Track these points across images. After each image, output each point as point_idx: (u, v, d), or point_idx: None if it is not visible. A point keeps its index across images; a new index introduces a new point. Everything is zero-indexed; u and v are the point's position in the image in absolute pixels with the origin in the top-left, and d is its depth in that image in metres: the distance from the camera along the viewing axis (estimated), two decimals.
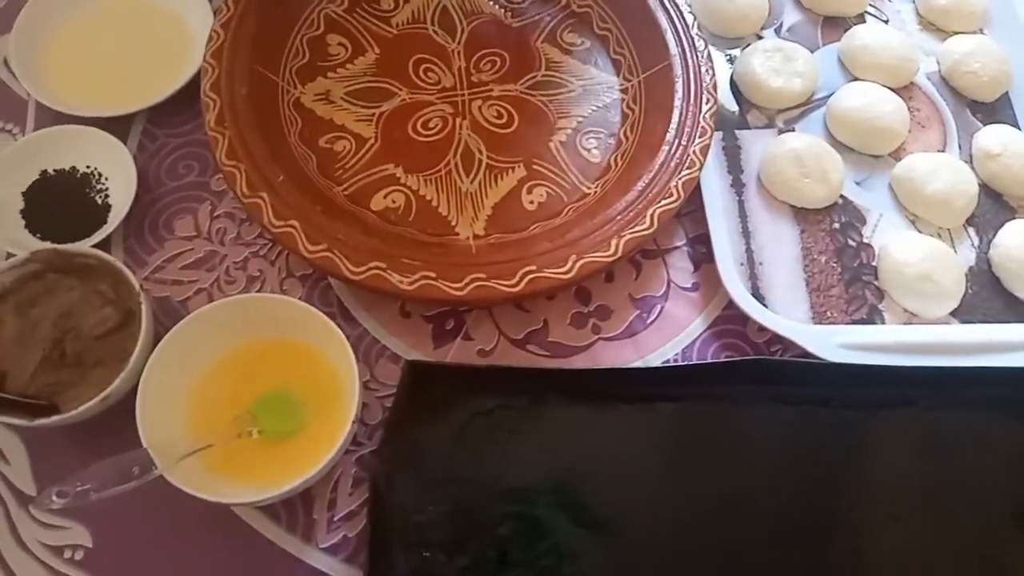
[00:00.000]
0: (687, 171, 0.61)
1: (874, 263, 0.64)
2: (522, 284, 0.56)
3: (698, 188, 0.63)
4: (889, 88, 0.70)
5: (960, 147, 0.70)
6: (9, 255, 0.59)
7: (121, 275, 0.54)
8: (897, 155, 0.69)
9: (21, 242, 0.59)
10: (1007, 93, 0.73)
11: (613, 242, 0.58)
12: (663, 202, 0.60)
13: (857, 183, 0.68)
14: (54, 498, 0.44)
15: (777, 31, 0.75)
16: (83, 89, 0.65)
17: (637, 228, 0.59)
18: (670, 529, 0.55)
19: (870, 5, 0.76)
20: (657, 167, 0.61)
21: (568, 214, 0.62)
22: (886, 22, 0.76)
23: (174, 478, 0.48)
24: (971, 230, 0.67)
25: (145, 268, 0.60)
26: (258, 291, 0.60)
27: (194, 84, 0.63)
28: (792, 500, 0.56)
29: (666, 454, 0.58)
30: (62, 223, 0.60)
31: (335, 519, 0.54)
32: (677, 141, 0.62)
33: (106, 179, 0.62)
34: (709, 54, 0.66)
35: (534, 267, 0.57)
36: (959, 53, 0.72)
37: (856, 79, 0.72)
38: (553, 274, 0.57)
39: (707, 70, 0.65)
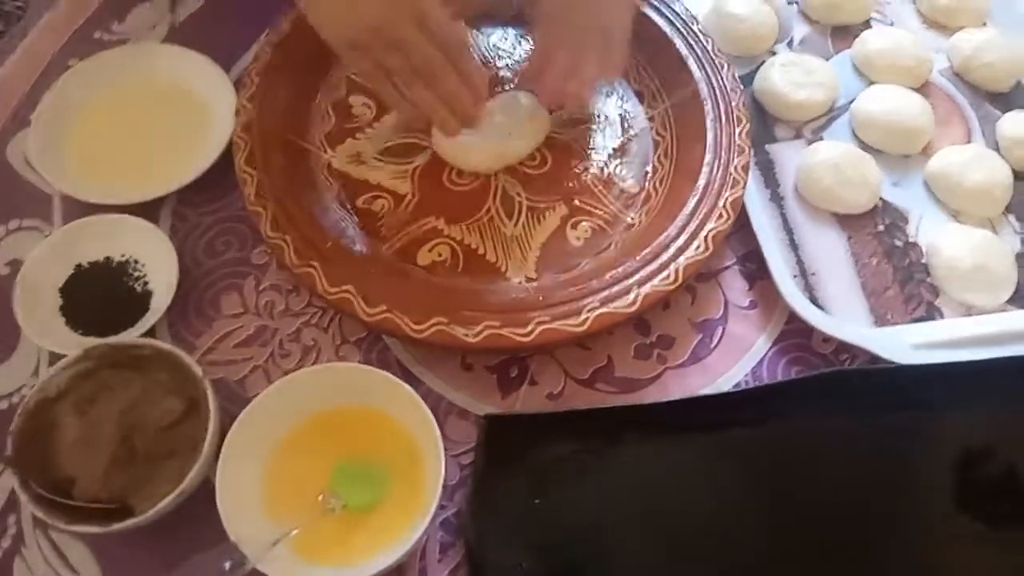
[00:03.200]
0: (731, 191, 0.61)
1: (923, 261, 0.64)
2: (588, 322, 0.55)
3: (741, 206, 0.63)
4: (908, 88, 0.71)
5: (984, 137, 0.71)
6: (53, 355, 0.57)
7: (179, 362, 0.52)
8: (927, 152, 0.69)
9: (64, 341, 0.57)
10: (1019, 81, 0.74)
11: (672, 268, 0.57)
12: (714, 224, 0.59)
13: (893, 184, 0.68)
14: None
15: (789, 45, 0.75)
16: (108, 177, 0.64)
17: (693, 252, 0.58)
18: (760, 553, 0.53)
19: (874, 11, 0.77)
20: (701, 190, 0.61)
21: (617, 246, 0.62)
22: (891, 25, 0.77)
23: (266, 569, 0.46)
24: (1011, 217, 0.67)
25: (196, 351, 0.58)
26: (314, 361, 0.58)
27: (222, 160, 0.63)
28: (882, 512, 0.54)
29: (749, 479, 0.56)
30: (103, 316, 0.58)
31: None
32: (716, 162, 0.62)
33: (143, 265, 0.61)
34: (734, 74, 0.66)
35: (597, 303, 0.56)
36: (970, 47, 0.73)
37: (873, 83, 0.72)
38: (618, 309, 0.56)
39: (734, 89, 0.66)
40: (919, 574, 0.54)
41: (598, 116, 0.69)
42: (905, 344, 0.58)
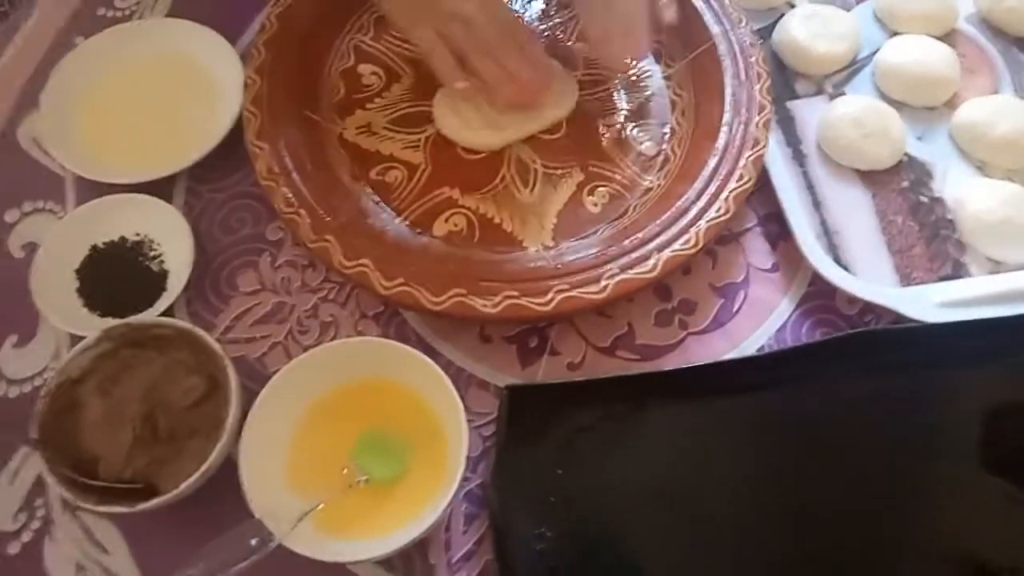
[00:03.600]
0: (753, 150, 0.59)
1: (949, 216, 0.63)
2: (608, 290, 0.54)
3: (762, 166, 0.61)
4: (933, 37, 0.69)
5: (1013, 86, 0.68)
6: (73, 337, 0.57)
7: (200, 341, 0.51)
8: (952, 105, 0.67)
9: (82, 322, 0.57)
10: None
11: (692, 232, 0.56)
12: (735, 185, 0.58)
13: (918, 138, 0.66)
14: None
15: None
16: (120, 155, 0.63)
17: (714, 215, 0.57)
18: (786, 515, 0.53)
19: None
20: (721, 150, 0.60)
21: (636, 211, 0.61)
22: None
23: (292, 544, 0.46)
24: None
25: (215, 330, 0.58)
26: (333, 336, 0.58)
27: (232, 135, 0.62)
28: (910, 472, 0.54)
29: (775, 442, 0.56)
30: (121, 296, 0.58)
31: (454, 561, 0.52)
32: (736, 121, 0.61)
33: (159, 244, 0.60)
34: (752, 29, 0.64)
35: (616, 270, 0.55)
36: None
37: (896, 33, 0.70)
38: (638, 275, 0.55)
39: (752, 44, 0.64)
40: (947, 534, 0.53)
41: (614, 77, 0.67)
42: (931, 303, 0.57)
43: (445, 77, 0.61)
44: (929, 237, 0.62)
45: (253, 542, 0.45)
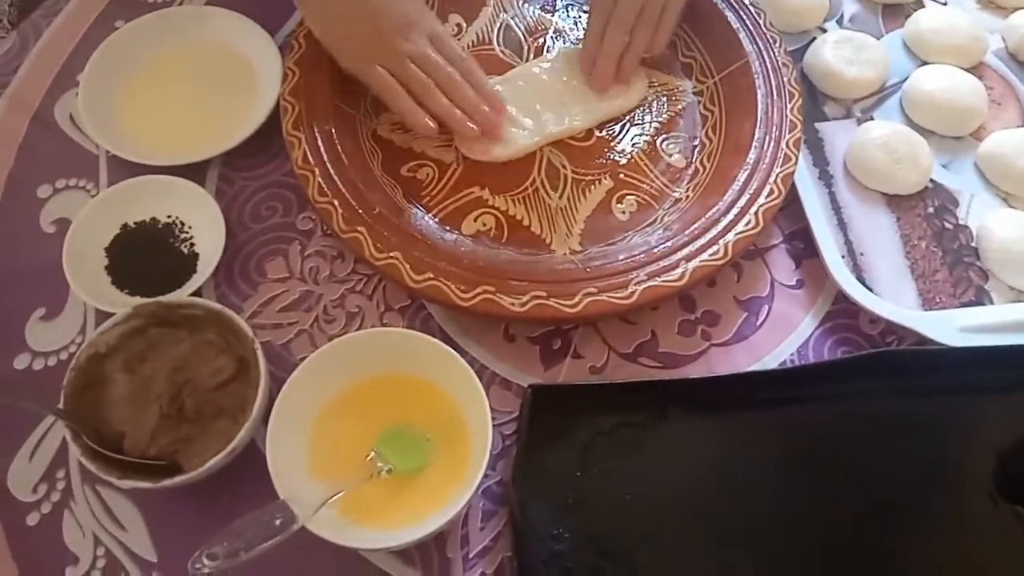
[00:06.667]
0: (783, 167, 0.60)
1: (973, 244, 0.63)
2: (636, 296, 0.55)
3: (791, 183, 0.62)
4: (961, 68, 0.70)
5: None
6: (100, 313, 0.57)
7: (230, 323, 0.52)
8: (978, 135, 0.68)
9: (110, 299, 0.57)
10: None
11: (721, 244, 0.57)
12: (765, 200, 0.59)
13: (943, 166, 0.67)
14: (205, 561, 0.42)
15: (839, 22, 0.74)
16: (154, 138, 0.64)
17: (743, 228, 0.57)
18: (800, 532, 0.53)
19: None
20: (752, 165, 0.60)
21: (663, 221, 0.61)
22: (945, 4, 0.76)
23: (314, 528, 0.46)
24: None
25: (242, 314, 0.57)
26: (359, 327, 0.58)
27: (268, 124, 0.62)
28: (925, 495, 0.54)
29: (792, 457, 0.56)
30: (149, 276, 0.58)
31: (470, 556, 0.52)
32: (767, 137, 0.62)
33: (189, 227, 0.61)
34: (785, 49, 0.65)
35: (644, 277, 0.56)
36: None
37: (925, 63, 0.71)
38: (665, 283, 0.55)
39: (785, 64, 0.65)
40: (960, 558, 0.53)
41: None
42: (954, 327, 0.57)
43: (408, 117, 0.61)
44: (952, 263, 0.62)
45: (278, 522, 0.45)
